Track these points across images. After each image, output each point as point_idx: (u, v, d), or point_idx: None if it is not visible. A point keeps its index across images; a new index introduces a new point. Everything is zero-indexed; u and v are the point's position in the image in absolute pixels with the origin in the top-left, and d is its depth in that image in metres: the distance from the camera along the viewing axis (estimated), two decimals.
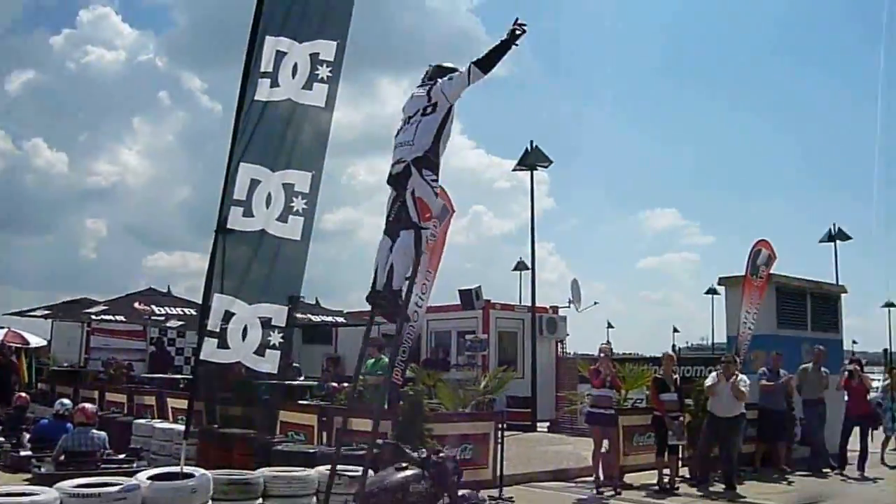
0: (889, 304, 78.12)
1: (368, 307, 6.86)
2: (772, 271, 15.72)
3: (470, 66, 6.22)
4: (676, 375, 13.30)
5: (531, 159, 21.41)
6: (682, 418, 12.46)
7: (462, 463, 10.66)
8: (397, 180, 6.41)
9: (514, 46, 6.12)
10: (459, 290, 19.89)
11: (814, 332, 16.46)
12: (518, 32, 6.14)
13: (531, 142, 21.53)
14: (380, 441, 6.90)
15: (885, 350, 23.06)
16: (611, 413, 12.22)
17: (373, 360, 12.41)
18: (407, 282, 6.52)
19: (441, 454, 6.34)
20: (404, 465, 5.93)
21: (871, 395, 15.90)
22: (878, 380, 19.25)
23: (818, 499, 11.43)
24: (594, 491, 11.58)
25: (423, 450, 6.37)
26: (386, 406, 10.63)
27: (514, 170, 22.37)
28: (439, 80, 6.41)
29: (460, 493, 6.32)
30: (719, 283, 16.68)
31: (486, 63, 6.20)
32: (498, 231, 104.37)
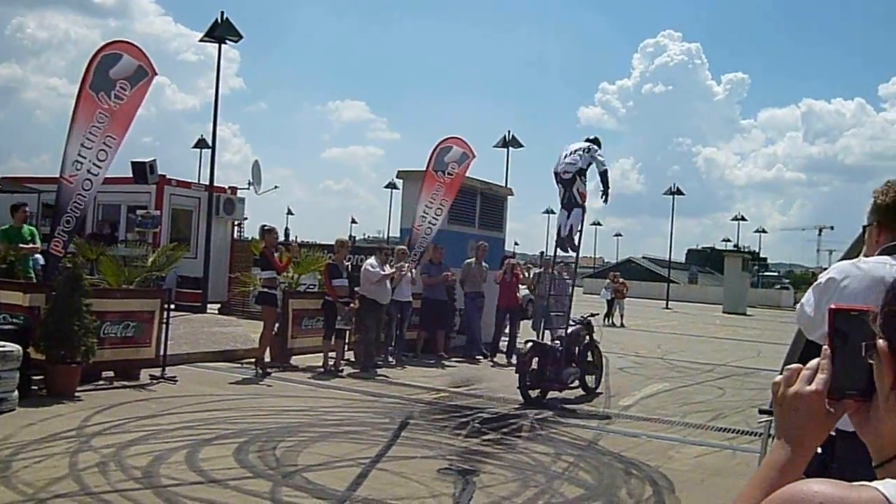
0: (549, 211, 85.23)
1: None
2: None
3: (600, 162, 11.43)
4: (348, 263, 13.61)
5: (220, 32, 20.38)
6: (352, 304, 12.83)
7: (124, 341, 10.35)
8: (567, 182, 11.34)
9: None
10: (132, 163, 18.69)
11: (480, 230, 17.51)
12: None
13: (222, 13, 20.45)
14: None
15: (542, 252, 25.13)
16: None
17: (6, 227, 11.31)
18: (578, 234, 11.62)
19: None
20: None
21: (522, 291, 17.32)
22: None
23: (470, 382, 12.35)
24: (259, 371, 11.66)
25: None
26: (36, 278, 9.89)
27: (201, 41, 21.24)
28: (596, 152, 11.38)
29: None
30: (398, 177, 17.13)
31: (606, 186, 11.53)
32: (181, 106, 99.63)
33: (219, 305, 20.14)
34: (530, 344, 11.05)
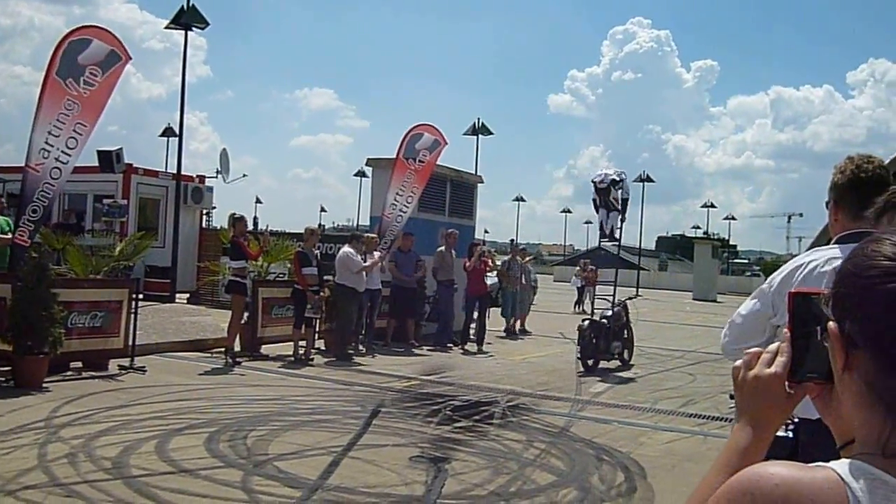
0: (519, 199, 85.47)
1: None
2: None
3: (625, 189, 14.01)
4: (318, 251, 13.56)
5: (186, 19, 20.13)
6: (322, 293, 12.79)
7: (92, 331, 10.24)
8: (602, 190, 13.71)
9: None
10: (98, 151, 18.44)
11: (450, 218, 17.51)
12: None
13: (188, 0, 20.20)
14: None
15: (512, 240, 25.16)
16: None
17: None
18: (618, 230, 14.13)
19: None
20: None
21: (490, 279, 17.36)
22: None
23: (441, 370, 12.36)
24: (229, 360, 11.60)
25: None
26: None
27: (167, 27, 20.96)
28: (626, 181, 14.10)
29: None
30: (367, 164, 17.03)
31: (624, 209, 14.20)
32: (147, 94, 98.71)
33: (187, 295, 19.97)
34: (588, 322, 13.33)
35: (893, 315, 1.00)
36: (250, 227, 15.34)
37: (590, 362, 12.84)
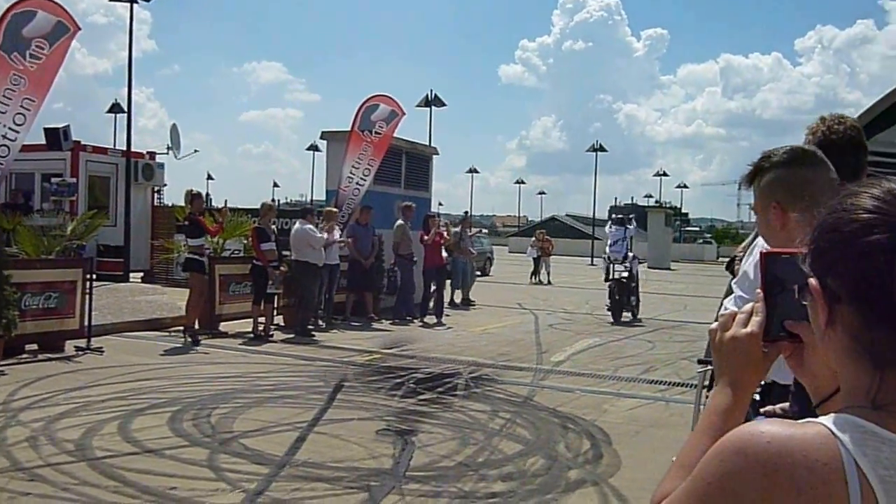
0: (472, 170, 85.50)
1: None
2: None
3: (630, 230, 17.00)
4: (275, 226, 13.42)
5: None
6: (282, 268, 12.69)
7: (47, 312, 10.05)
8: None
9: None
10: (45, 129, 17.98)
11: (406, 190, 17.44)
12: None
13: None
14: None
15: (466, 212, 25.16)
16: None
17: None
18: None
19: None
20: None
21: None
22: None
23: (402, 343, 12.36)
24: (188, 339, 11.48)
25: None
26: None
27: (111, 0, 20.46)
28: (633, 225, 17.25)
29: None
30: (322, 138, 16.83)
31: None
32: (92, 70, 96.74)
33: (141, 274, 19.70)
34: (612, 282, 16.45)
35: (875, 268, 1.00)
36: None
37: (617, 315, 16.19)
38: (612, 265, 16.67)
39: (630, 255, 16.86)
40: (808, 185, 1.86)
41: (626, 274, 16.52)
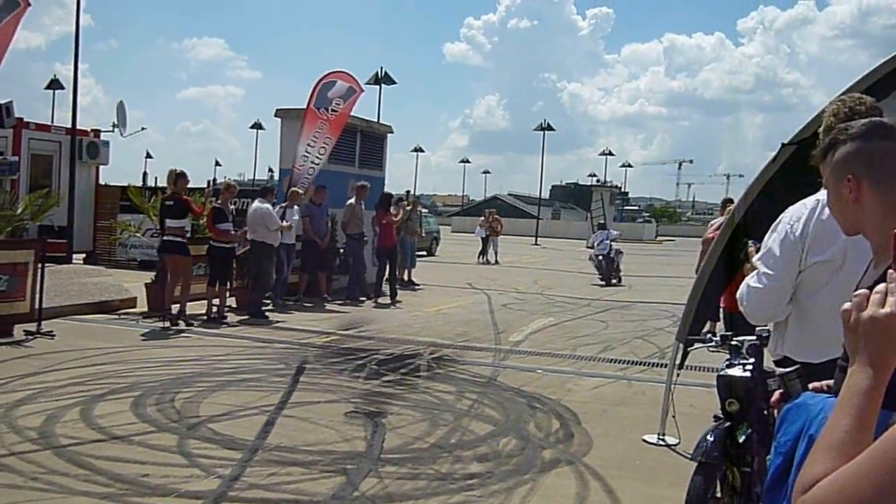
0: (418, 150, 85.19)
1: None
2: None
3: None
4: (233, 206, 13.21)
5: None
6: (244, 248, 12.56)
7: None
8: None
9: None
10: None
11: (361, 169, 17.28)
12: None
13: None
14: None
15: (408, 192, 25.11)
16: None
17: None
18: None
19: None
20: None
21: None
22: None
23: (359, 324, 12.29)
24: (164, 323, 11.25)
25: None
26: None
27: None
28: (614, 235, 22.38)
29: None
30: (276, 115, 16.54)
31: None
32: (25, 45, 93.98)
33: (84, 255, 19.25)
34: (601, 256, 21.03)
35: None
36: (139, 182, 14.78)
37: (608, 279, 20.79)
38: (600, 261, 21.11)
39: (613, 233, 22.41)
40: (887, 157, 1.86)
41: (612, 246, 21.42)
